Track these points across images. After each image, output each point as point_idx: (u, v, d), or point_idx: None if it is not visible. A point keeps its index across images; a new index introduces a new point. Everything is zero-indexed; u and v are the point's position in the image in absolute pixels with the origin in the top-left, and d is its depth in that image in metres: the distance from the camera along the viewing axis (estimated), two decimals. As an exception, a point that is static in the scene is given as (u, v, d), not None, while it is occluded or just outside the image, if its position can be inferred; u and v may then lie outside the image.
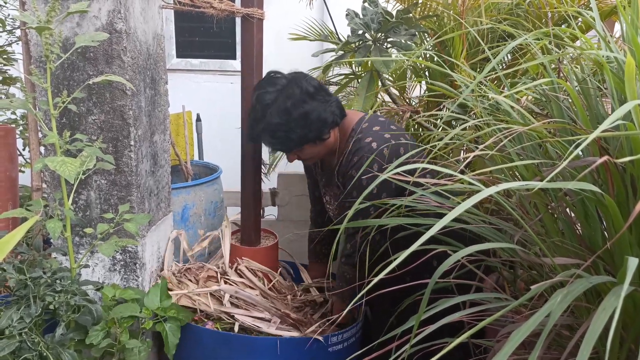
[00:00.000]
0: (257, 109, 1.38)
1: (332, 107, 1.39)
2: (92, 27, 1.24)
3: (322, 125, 1.38)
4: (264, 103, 1.36)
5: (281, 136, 1.37)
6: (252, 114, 1.40)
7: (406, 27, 1.63)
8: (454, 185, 0.92)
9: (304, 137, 1.37)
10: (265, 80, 1.42)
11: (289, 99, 1.35)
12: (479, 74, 0.88)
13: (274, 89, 1.37)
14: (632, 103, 0.59)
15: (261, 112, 1.37)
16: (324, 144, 1.43)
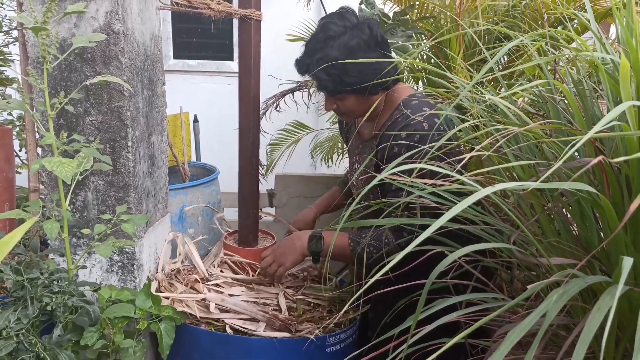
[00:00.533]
0: (319, 37, 1.29)
1: (389, 67, 1.30)
2: (89, 28, 1.24)
3: (377, 79, 1.29)
4: (328, 33, 1.27)
5: (334, 74, 1.27)
6: (311, 43, 1.30)
7: (403, 29, 1.64)
8: (451, 185, 0.93)
9: (356, 84, 1.28)
10: (335, 13, 1.33)
11: (356, 38, 1.26)
12: (475, 75, 0.89)
13: (342, 23, 1.28)
14: (627, 104, 0.60)
15: (322, 42, 1.27)
16: (368, 102, 1.33)
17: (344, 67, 1.26)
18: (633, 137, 0.69)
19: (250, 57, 1.50)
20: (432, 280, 0.74)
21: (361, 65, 1.26)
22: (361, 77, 1.28)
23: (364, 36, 1.27)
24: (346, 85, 1.29)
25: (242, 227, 1.63)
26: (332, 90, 1.33)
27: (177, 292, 1.46)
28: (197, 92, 3.98)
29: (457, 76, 1.36)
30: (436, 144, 0.89)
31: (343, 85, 1.29)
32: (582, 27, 1.77)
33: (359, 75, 1.27)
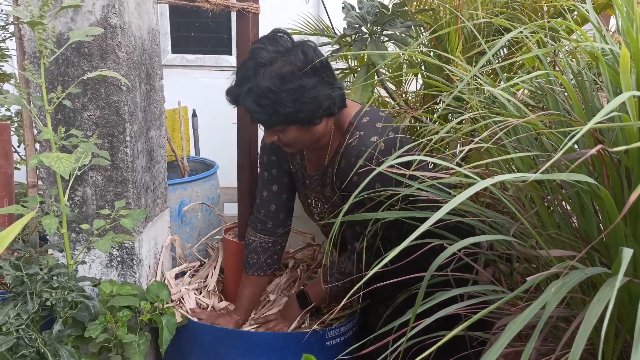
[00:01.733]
0: (248, 65, 1.17)
1: (333, 92, 1.19)
2: (86, 22, 1.23)
3: (316, 109, 1.18)
4: (259, 61, 1.16)
5: (267, 105, 1.15)
6: (240, 71, 1.19)
7: (402, 20, 1.63)
8: (450, 178, 0.92)
9: (292, 115, 1.16)
10: (266, 37, 1.21)
11: (288, 64, 1.14)
12: (474, 67, 0.88)
13: (274, 48, 1.17)
14: (627, 94, 0.59)
15: (252, 69, 1.16)
16: (312, 132, 1.23)
17: (278, 97, 1.14)
18: (633, 127, 0.68)
19: (248, 50, 1.49)
20: (432, 272, 0.74)
21: (296, 94, 1.14)
22: (297, 106, 1.16)
23: (297, 62, 1.15)
24: (282, 116, 1.17)
25: (241, 221, 1.63)
26: (267, 123, 1.22)
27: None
28: (196, 87, 3.96)
29: (457, 68, 1.35)
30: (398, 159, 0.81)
31: (278, 117, 1.17)
32: (582, 19, 1.76)
33: (294, 104, 1.15)
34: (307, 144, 1.28)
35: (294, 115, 1.17)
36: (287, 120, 1.18)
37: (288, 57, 1.15)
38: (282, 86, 1.14)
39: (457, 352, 1.04)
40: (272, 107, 1.16)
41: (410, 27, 1.64)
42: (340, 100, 1.23)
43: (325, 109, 1.20)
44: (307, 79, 1.15)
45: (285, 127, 1.21)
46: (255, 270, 1.48)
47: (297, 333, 1.37)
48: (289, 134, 1.22)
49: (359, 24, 1.65)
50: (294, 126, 1.20)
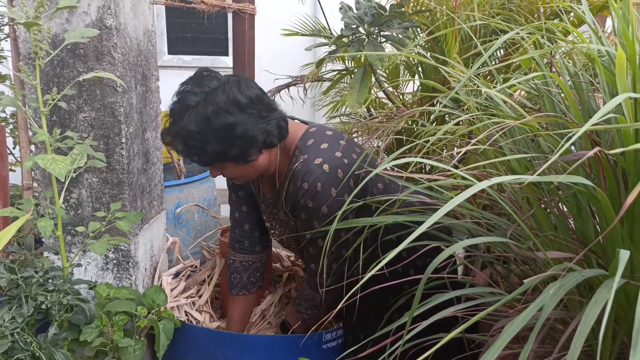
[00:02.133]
0: (175, 108, 1.17)
1: (268, 125, 1.18)
2: (81, 23, 1.22)
3: (249, 144, 1.16)
4: (184, 103, 1.15)
5: (195, 146, 1.15)
6: (171, 113, 1.18)
7: (399, 21, 1.63)
8: (447, 180, 0.92)
9: (222, 153, 1.16)
10: (193, 77, 1.20)
11: (211, 105, 1.13)
12: (471, 69, 0.88)
13: (200, 90, 1.16)
14: (623, 96, 0.59)
15: (179, 112, 1.16)
16: (252, 166, 1.21)
17: (204, 138, 1.14)
18: (629, 129, 0.68)
19: (244, 51, 1.49)
20: (428, 275, 0.74)
21: (223, 133, 1.13)
22: (225, 146, 1.15)
23: (220, 102, 1.13)
24: (211, 155, 1.16)
25: (238, 223, 1.62)
26: (200, 162, 1.21)
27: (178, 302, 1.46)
28: (193, 88, 3.96)
29: (454, 70, 1.35)
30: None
31: (208, 157, 1.17)
32: (579, 20, 1.77)
33: (222, 143, 1.14)
34: (252, 176, 1.27)
35: (225, 154, 1.17)
36: (218, 158, 1.18)
37: (212, 98, 1.14)
38: (207, 127, 1.13)
39: (454, 354, 1.04)
40: (201, 147, 1.15)
41: (408, 28, 1.64)
42: (279, 131, 1.21)
43: (262, 142, 1.18)
44: (233, 117, 1.14)
45: (222, 164, 1.21)
46: (240, 290, 1.48)
47: (294, 336, 1.37)
48: (228, 169, 1.22)
49: (356, 24, 1.65)
50: (229, 163, 1.20)
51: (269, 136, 1.18)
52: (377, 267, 0.64)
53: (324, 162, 1.18)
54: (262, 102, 1.19)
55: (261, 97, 1.19)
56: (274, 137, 1.20)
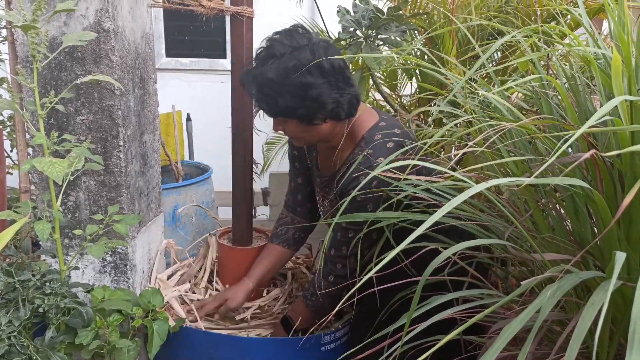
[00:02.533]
0: (261, 54, 1.21)
1: (341, 97, 1.20)
2: (79, 26, 1.22)
3: (318, 108, 1.19)
4: (271, 51, 1.19)
5: (268, 95, 1.19)
6: (256, 58, 1.23)
7: (397, 24, 1.63)
8: (445, 182, 0.93)
9: (290, 109, 1.19)
10: (285, 30, 1.23)
11: (295, 60, 1.16)
12: (469, 71, 0.89)
13: (289, 43, 1.18)
14: (619, 99, 0.60)
15: (263, 59, 1.20)
16: (314, 130, 1.24)
17: (279, 90, 1.17)
18: (625, 131, 0.69)
19: (242, 54, 1.49)
20: (426, 277, 0.74)
21: (297, 90, 1.17)
22: (297, 102, 1.18)
23: (303, 60, 1.16)
24: (281, 108, 1.20)
25: (235, 226, 1.62)
26: (267, 111, 1.26)
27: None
28: (190, 91, 3.96)
29: (451, 72, 1.36)
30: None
31: (278, 108, 1.20)
32: (575, 23, 1.78)
33: (292, 100, 1.18)
34: (310, 140, 1.31)
35: (293, 110, 1.20)
36: (286, 113, 1.21)
37: (297, 54, 1.17)
38: (284, 80, 1.17)
39: (452, 356, 1.04)
40: (273, 97, 1.19)
41: (405, 31, 1.64)
42: (349, 107, 1.24)
43: (329, 111, 1.21)
44: (312, 78, 1.17)
45: (286, 120, 1.24)
46: (282, 242, 1.53)
47: (293, 338, 1.36)
48: (289, 126, 1.26)
49: (353, 27, 1.66)
50: (294, 120, 1.23)
51: (337, 107, 1.21)
52: (375, 267, 0.65)
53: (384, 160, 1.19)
54: (343, 73, 1.22)
55: (343, 69, 1.22)
56: (342, 110, 1.22)
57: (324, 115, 1.22)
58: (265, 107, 1.24)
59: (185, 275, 1.62)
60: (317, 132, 1.26)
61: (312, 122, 1.22)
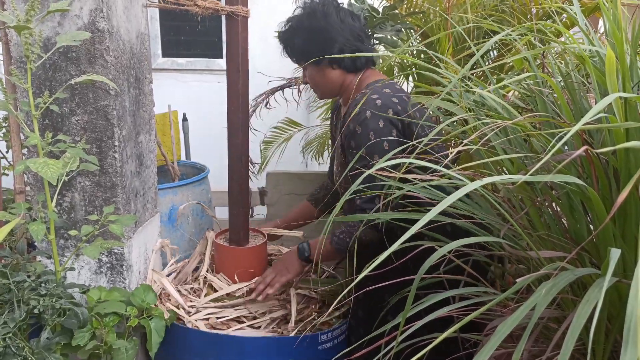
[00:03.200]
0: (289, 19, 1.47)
1: (345, 45, 1.38)
2: (73, 26, 1.22)
3: (324, 50, 1.39)
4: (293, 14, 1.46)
5: (288, 40, 1.45)
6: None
7: (392, 24, 1.63)
8: (440, 180, 0.92)
9: (304, 50, 1.42)
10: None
11: (309, 9, 1.42)
12: (463, 69, 0.89)
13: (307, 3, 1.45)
14: (613, 96, 0.60)
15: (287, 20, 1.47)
16: (327, 77, 1.45)
17: (294, 33, 1.43)
18: (620, 128, 0.69)
19: (237, 54, 1.48)
20: (422, 275, 0.74)
21: (308, 33, 1.40)
22: (306, 44, 1.41)
23: (315, 7, 1.41)
24: (297, 50, 1.43)
25: (232, 225, 1.62)
26: (293, 57, 1.49)
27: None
28: (187, 91, 3.95)
29: (447, 71, 1.36)
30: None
31: (295, 51, 1.44)
32: (571, 22, 1.78)
33: (304, 42, 1.41)
34: (326, 89, 1.50)
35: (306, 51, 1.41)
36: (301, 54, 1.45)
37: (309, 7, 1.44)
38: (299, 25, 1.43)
39: (449, 353, 1.04)
40: (292, 41, 1.45)
41: (401, 30, 1.64)
42: (353, 58, 1.41)
43: (335, 56, 1.39)
44: (319, 23, 1.40)
45: (306, 67, 1.46)
46: (312, 200, 1.76)
47: (289, 337, 1.36)
48: (309, 73, 1.48)
49: (349, 27, 1.65)
50: (310, 66, 1.44)
51: (341, 52, 1.38)
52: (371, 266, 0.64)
53: (379, 98, 1.34)
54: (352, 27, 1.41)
55: (352, 24, 1.42)
56: (351, 59, 1.41)
57: (331, 60, 1.41)
58: (290, 53, 1.49)
59: (181, 274, 1.62)
60: (329, 79, 1.45)
61: (321, 65, 1.42)
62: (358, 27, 1.43)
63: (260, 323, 1.44)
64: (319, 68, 1.44)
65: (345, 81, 1.46)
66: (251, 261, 1.60)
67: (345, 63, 1.42)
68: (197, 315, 1.44)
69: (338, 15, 1.40)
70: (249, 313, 1.46)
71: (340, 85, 1.47)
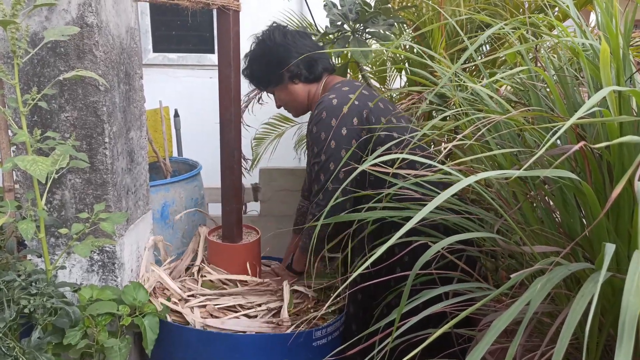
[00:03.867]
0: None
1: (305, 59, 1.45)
2: (62, 21, 1.20)
3: (280, 67, 1.47)
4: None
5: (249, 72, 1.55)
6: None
7: (384, 18, 1.62)
8: (434, 176, 0.92)
9: (263, 76, 1.52)
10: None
11: (257, 39, 1.53)
12: (456, 63, 0.88)
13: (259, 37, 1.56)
14: (607, 89, 0.59)
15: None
16: (294, 93, 1.52)
17: (251, 65, 1.54)
18: (614, 122, 0.68)
19: (229, 48, 1.47)
20: (416, 271, 0.73)
21: (261, 58, 1.51)
22: (263, 68, 1.51)
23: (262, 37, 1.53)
24: (257, 78, 1.54)
25: (225, 222, 1.61)
26: (258, 86, 1.62)
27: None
28: (178, 86, 3.91)
29: (440, 65, 1.35)
30: None
31: (256, 79, 1.55)
32: (563, 16, 1.78)
33: (261, 68, 1.51)
34: (298, 106, 1.56)
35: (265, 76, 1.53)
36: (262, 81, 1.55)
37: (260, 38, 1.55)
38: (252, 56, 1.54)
39: (443, 349, 1.04)
40: (251, 73, 1.55)
41: (393, 24, 1.63)
42: (309, 67, 1.49)
43: (292, 70, 1.48)
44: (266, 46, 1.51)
45: (274, 90, 1.56)
46: (295, 231, 1.76)
47: (284, 334, 1.36)
48: (279, 96, 1.56)
49: (341, 21, 1.64)
50: (276, 87, 1.54)
51: (297, 66, 1.47)
52: (365, 263, 0.64)
53: (335, 98, 1.39)
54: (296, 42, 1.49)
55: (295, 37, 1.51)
56: (303, 69, 1.49)
57: (291, 74, 1.49)
58: (255, 83, 1.59)
59: (175, 271, 1.61)
60: (295, 94, 1.52)
61: (282, 82, 1.50)
62: (309, 43, 1.51)
63: (257, 312, 1.44)
64: (283, 87, 1.53)
65: (310, 92, 1.53)
66: (244, 258, 1.60)
67: (303, 75, 1.50)
68: (193, 301, 1.43)
69: (285, 37, 1.49)
70: (246, 302, 1.46)
71: (307, 97, 1.54)
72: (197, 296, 1.46)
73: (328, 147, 1.36)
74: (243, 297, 1.48)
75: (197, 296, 1.46)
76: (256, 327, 1.37)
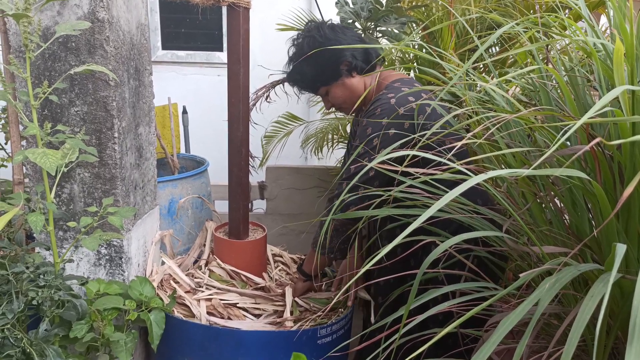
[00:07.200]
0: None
1: (355, 50, 1.41)
2: (73, 16, 1.21)
3: (336, 63, 1.41)
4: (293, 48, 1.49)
5: (297, 77, 1.48)
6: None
7: (396, 17, 1.62)
8: (443, 174, 0.92)
9: (318, 76, 1.44)
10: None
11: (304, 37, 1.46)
12: (467, 63, 0.88)
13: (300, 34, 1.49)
14: (621, 88, 0.59)
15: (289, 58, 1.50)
16: (350, 87, 1.45)
17: (301, 64, 1.44)
18: (626, 122, 0.68)
19: (239, 46, 1.47)
20: (424, 270, 0.73)
21: (314, 57, 1.40)
22: (318, 67, 1.43)
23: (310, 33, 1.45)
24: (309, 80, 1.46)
25: (232, 219, 1.61)
26: (309, 90, 1.53)
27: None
28: (187, 84, 3.93)
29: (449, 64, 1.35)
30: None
31: (308, 81, 1.47)
32: (575, 17, 1.76)
33: (315, 67, 1.43)
34: (352, 98, 1.47)
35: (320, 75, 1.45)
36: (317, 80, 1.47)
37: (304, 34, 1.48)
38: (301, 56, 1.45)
39: (449, 349, 1.03)
40: (301, 75, 1.48)
41: (405, 23, 1.63)
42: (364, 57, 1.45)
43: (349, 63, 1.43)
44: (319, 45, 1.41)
45: (326, 90, 1.48)
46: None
47: (289, 331, 1.36)
48: (333, 94, 1.48)
49: (352, 19, 1.64)
50: (330, 86, 1.46)
51: (354, 58, 1.42)
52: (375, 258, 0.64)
53: (394, 97, 1.36)
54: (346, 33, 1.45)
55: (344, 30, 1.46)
56: (359, 60, 1.44)
57: (349, 67, 1.43)
58: (305, 86, 1.51)
59: (182, 265, 1.61)
60: (353, 88, 1.46)
61: (340, 77, 1.44)
62: (355, 35, 1.47)
63: (262, 312, 1.44)
64: (340, 83, 1.46)
65: (366, 84, 1.48)
66: (250, 254, 1.60)
67: (360, 67, 1.45)
68: (200, 294, 1.43)
69: (335, 31, 1.44)
70: (253, 302, 1.46)
71: (364, 89, 1.48)
72: (205, 287, 1.47)
73: (369, 143, 1.33)
74: (250, 298, 1.48)
75: (205, 287, 1.47)
76: (260, 327, 1.37)
